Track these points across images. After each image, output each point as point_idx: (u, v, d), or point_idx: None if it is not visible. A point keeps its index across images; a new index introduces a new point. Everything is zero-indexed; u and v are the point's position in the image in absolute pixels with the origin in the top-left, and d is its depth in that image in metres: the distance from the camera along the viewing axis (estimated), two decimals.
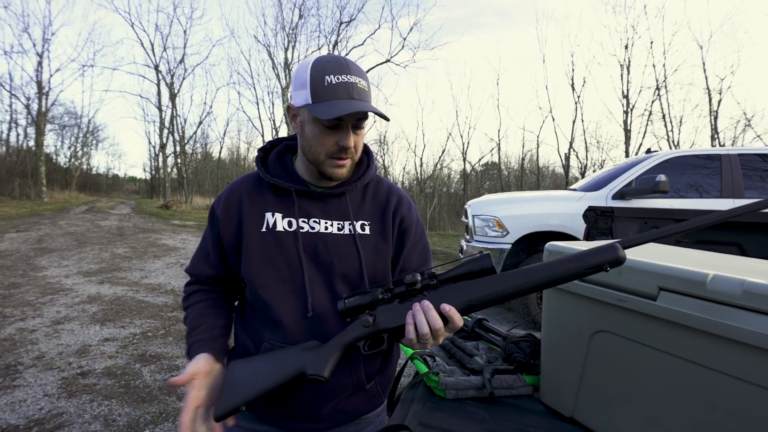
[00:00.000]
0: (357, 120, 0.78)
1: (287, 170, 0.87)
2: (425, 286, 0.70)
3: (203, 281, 0.92)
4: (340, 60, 0.77)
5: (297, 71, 0.79)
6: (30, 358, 2.89)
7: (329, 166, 0.80)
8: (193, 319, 0.84)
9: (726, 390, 0.67)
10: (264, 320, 0.82)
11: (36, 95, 20.91)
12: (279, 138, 0.94)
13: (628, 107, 16.01)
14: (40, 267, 5.77)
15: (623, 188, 3.91)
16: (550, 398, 1.00)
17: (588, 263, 0.64)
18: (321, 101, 0.74)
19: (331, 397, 0.82)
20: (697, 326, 0.70)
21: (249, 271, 0.82)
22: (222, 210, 0.86)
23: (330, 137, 0.77)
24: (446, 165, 24.30)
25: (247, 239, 0.82)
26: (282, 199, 0.85)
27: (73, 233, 9.42)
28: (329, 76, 0.74)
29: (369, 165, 0.91)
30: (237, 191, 0.87)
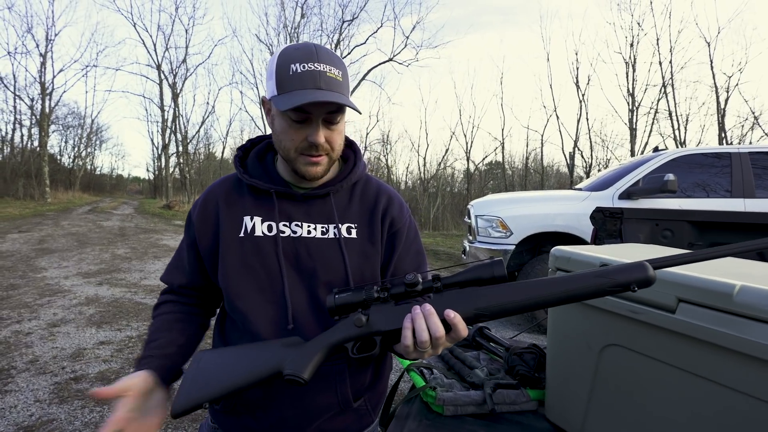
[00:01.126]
0: (328, 113, 0.70)
1: (267, 170, 0.81)
2: (427, 288, 0.63)
3: (176, 291, 0.85)
4: (309, 47, 0.70)
5: (268, 62, 0.73)
6: (23, 362, 2.84)
7: (301, 163, 0.73)
8: (152, 332, 0.78)
9: (753, 413, 0.60)
10: (242, 332, 0.76)
11: (40, 96, 21.01)
12: (260, 136, 0.87)
13: (634, 105, 15.86)
14: (39, 268, 5.74)
15: (630, 188, 3.81)
16: (556, 415, 0.93)
17: (614, 281, 0.57)
18: (285, 92, 0.67)
19: (314, 417, 0.75)
20: (722, 343, 0.62)
21: (226, 280, 0.75)
22: (198, 215, 0.80)
23: (298, 132, 0.71)
24: (450, 164, 24.21)
25: (224, 245, 0.76)
26: (262, 201, 0.78)
27: (74, 234, 9.41)
28: (295, 65, 0.67)
29: (356, 163, 0.83)
30: (214, 194, 0.81)
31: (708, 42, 13.73)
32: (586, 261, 0.84)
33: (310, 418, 0.74)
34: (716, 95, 13.80)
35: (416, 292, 0.63)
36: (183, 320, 0.81)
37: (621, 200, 3.77)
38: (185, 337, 0.79)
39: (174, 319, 0.80)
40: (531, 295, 0.59)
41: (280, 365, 0.63)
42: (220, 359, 0.67)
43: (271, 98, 0.70)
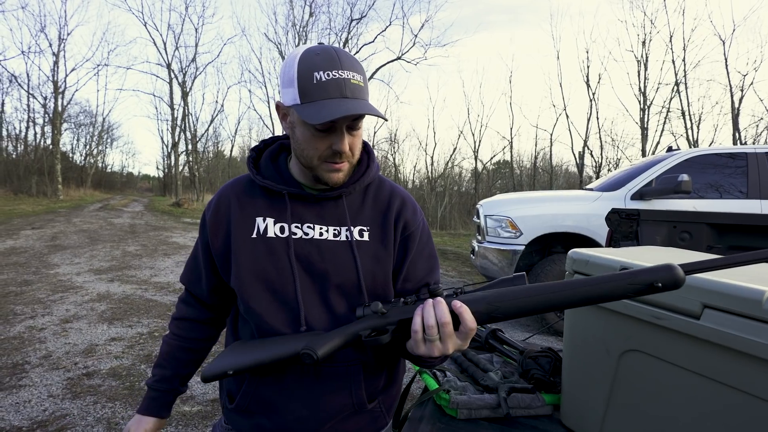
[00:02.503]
0: (352, 120, 0.70)
1: (280, 171, 0.80)
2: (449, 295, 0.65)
3: (193, 300, 0.89)
4: (330, 52, 0.68)
5: (284, 66, 0.71)
6: (37, 357, 2.88)
7: (324, 170, 0.73)
8: (162, 354, 0.88)
9: None
10: (257, 333, 0.76)
11: (52, 94, 21.31)
12: (273, 137, 0.87)
13: (645, 104, 15.64)
14: (52, 264, 5.83)
15: (643, 188, 3.76)
16: (572, 421, 0.91)
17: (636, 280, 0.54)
18: (310, 101, 0.66)
19: (328, 418, 0.75)
20: (749, 351, 0.60)
21: (238, 281, 0.75)
22: (211, 216, 0.80)
23: (322, 141, 0.70)
24: (457, 163, 24.12)
25: (236, 246, 0.76)
26: (274, 202, 0.78)
27: (86, 231, 9.54)
28: (318, 73, 0.66)
29: (369, 165, 0.82)
30: (227, 195, 0.81)
31: (722, 40, 13.49)
32: (605, 264, 0.82)
33: (325, 418, 0.74)
34: (730, 94, 13.56)
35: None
36: (191, 349, 0.89)
37: (633, 201, 3.72)
38: (191, 365, 0.90)
39: (184, 347, 0.88)
40: (548, 295, 0.58)
41: (298, 348, 0.66)
42: (248, 346, 0.73)
43: (292, 106, 0.69)
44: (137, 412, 0.85)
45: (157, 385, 0.85)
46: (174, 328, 0.88)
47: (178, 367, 0.87)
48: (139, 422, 0.82)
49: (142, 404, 0.85)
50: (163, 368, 0.86)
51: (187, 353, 0.88)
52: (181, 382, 0.88)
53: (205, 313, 0.88)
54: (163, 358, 0.87)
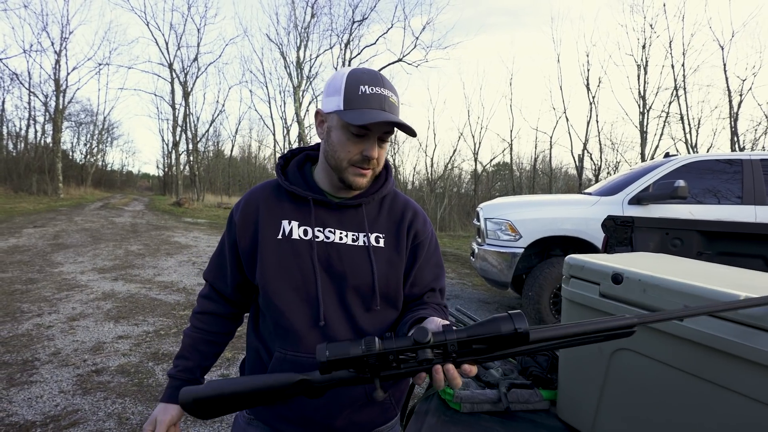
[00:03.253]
0: (384, 133, 0.78)
1: (306, 179, 0.88)
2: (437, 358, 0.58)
3: (218, 291, 0.94)
4: (375, 73, 0.79)
5: (331, 80, 0.80)
6: (46, 354, 2.95)
7: (351, 173, 0.80)
8: (185, 346, 0.93)
9: (756, 418, 0.65)
10: (276, 328, 0.82)
11: (54, 93, 21.38)
12: (300, 147, 0.95)
13: (645, 108, 15.74)
14: (56, 263, 5.89)
15: (640, 193, 3.83)
16: (567, 415, 0.98)
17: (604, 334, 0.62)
18: (353, 108, 0.75)
19: (343, 407, 0.81)
20: (726, 349, 0.67)
21: (263, 278, 0.82)
22: (240, 216, 0.86)
23: (356, 145, 0.78)
24: (457, 165, 24.19)
25: (263, 246, 0.83)
26: (299, 207, 0.85)
27: (88, 229, 9.59)
28: (364, 86, 0.75)
29: (387, 179, 0.91)
30: (255, 198, 0.88)
31: (721, 45, 13.59)
32: (599, 270, 0.89)
33: (340, 407, 0.81)
34: (729, 99, 13.66)
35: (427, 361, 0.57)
36: (213, 342, 0.94)
37: (631, 206, 3.79)
38: (212, 357, 0.95)
39: (207, 339, 0.93)
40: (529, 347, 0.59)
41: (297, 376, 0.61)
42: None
43: (334, 112, 0.77)
44: (161, 401, 0.90)
45: (181, 375, 0.90)
46: (196, 322, 0.94)
47: (200, 358, 0.93)
48: (165, 410, 0.87)
49: (165, 393, 0.90)
50: (186, 359, 0.91)
51: (208, 345, 0.94)
52: (201, 373, 0.94)
53: (227, 308, 0.94)
54: (185, 350, 0.92)
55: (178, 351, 0.94)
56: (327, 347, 0.55)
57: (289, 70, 20.16)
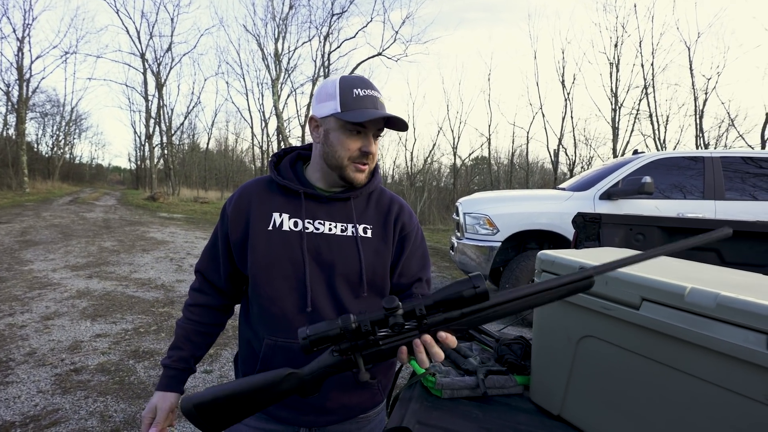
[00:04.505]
0: (377, 129, 0.86)
1: (297, 175, 0.93)
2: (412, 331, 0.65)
3: (210, 282, 0.98)
4: (364, 78, 0.87)
5: (322, 86, 0.87)
6: (21, 354, 2.88)
7: (351, 170, 0.87)
8: (179, 337, 0.96)
9: (703, 395, 0.73)
10: (266, 316, 0.87)
11: (16, 81, 20.32)
12: (292, 147, 1.01)
13: (617, 105, 16.26)
14: (25, 260, 5.68)
15: (610, 188, 4.00)
16: (539, 398, 1.07)
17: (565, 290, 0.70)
18: (351, 109, 0.82)
19: (335, 387, 0.87)
20: (677, 335, 0.76)
21: (254, 267, 0.87)
22: (232, 209, 0.91)
23: (354, 142, 0.85)
24: (436, 159, 24.42)
25: (254, 237, 0.87)
26: (290, 200, 0.90)
27: (57, 225, 9.25)
28: (357, 89, 0.83)
29: (374, 175, 0.96)
30: (248, 192, 0.92)
31: (688, 46, 14.15)
32: (567, 265, 0.97)
33: (330, 389, 0.86)
34: (695, 97, 14.26)
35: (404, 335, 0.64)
36: (206, 333, 0.98)
37: (601, 201, 3.96)
38: (204, 347, 0.99)
39: (199, 331, 0.97)
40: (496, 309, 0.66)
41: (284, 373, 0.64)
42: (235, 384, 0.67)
43: (331, 115, 0.84)
44: (157, 389, 0.92)
45: (175, 364, 0.93)
46: (189, 314, 0.97)
47: (194, 348, 0.96)
48: (164, 397, 0.90)
49: (161, 383, 0.92)
50: (180, 350, 0.95)
51: (201, 336, 0.97)
52: (194, 362, 0.98)
53: (218, 299, 0.98)
54: (179, 341, 0.95)
55: (171, 342, 0.97)
56: (307, 328, 0.60)
57: (267, 62, 19.81)
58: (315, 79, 19.72)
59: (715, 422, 0.72)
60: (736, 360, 0.68)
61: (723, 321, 0.70)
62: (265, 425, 0.89)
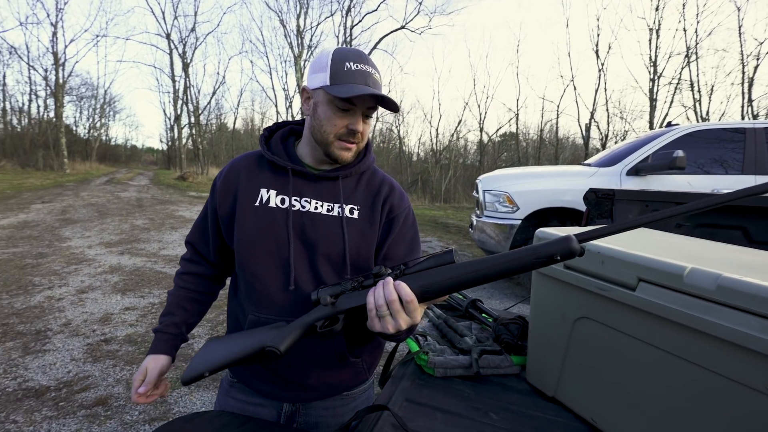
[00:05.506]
0: (368, 108, 0.81)
1: (288, 151, 0.91)
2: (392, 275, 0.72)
3: (201, 254, 0.98)
4: (359, 51, 0.82)
5: (316, 58, 0.83)
6: (58, 325, 3.08)
7: (337, 147, 0.83)
8: (171, 304, 0.95)
9: (700, 382, 0.69)
10: (250, 292, 0.87)
11: (53, 66, 21.12)
12: (285, 121, 0.98)
13: (655, 75, 15.27)
14: (64, 237, 6.02)
15: (638, 164, 3.80)
16: (534, 378, 1.04)
17: (538, 254, 0.63)
18: (339, 83, 0.78)
19: (314, 366, 0.87)
20: (673, 318, 0.71)
21: (240, 243, 0.86)
22: (221, 183, 0.90)
23: (341, 119, 0.81)
24: (462, 136, 23.88)
25: (240, 212, 0.86)
26: (278, 176, 0.88)
27: (94, 204, 9.73)
28: (349, 63, 0.78)
29: (366, 155, 0.93)
30: (237, 167, 0.91)
31: (738, 6, 12.99)
32: None
33: (311, 366, 0.86)
34: (743, 64, 13.19)
35: None
36: (198, 300, 0.97)
37: (629, 177, 3.77)
38: (196, 315, 0.97)
39: (192, 298, 0.96)
40: (466, 273, 0.67)
41: (264, 343, 0.74)
42: (221, 343, 0.80)
43: (321, 87, 0.80)
44: (149, 353, 0.90)
45: (167, 329, 0.92)
46: (181, 282, 0.97)
47: (186, 316, 0.95)
48: (156, 360, 0.89)
49: (153, 346, 0.91)
50: (172, 315, 0.94)
51: (193, 303, 0.97)
52: (187, 329, 0.96)
53: (209, 269, 0.99)
54: (171, 308, 0.94)
55: (163, 310, 0.96)
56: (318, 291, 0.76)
57: (289, 39, 19.68)
58: None
59: (713, 411, 0.68)
60: (736, 347, 0.63)
61: (723, 304, 0.65)
62: (250, 398, 0.91)
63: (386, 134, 26.55)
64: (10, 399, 2.15)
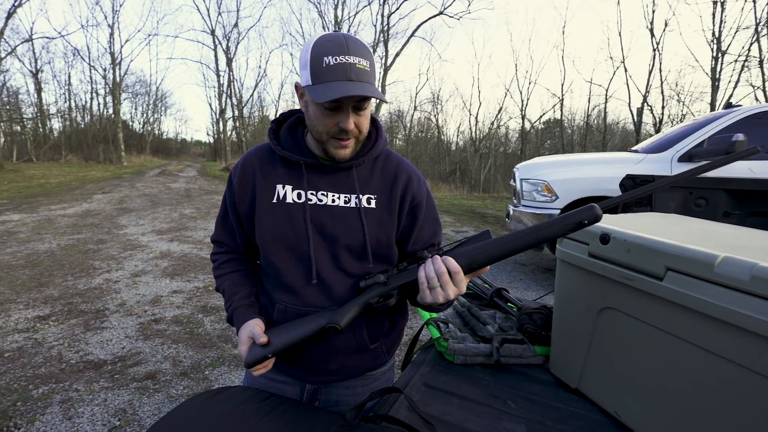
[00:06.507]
0: (357, 102, 0.78)
1: (298, 143, 0.90)
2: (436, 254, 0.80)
3: (230, 249, 1.00)
4: (340, 39, 0.76)
5: (302, 51, 0.80)
6: (114, 305, 3.35)
7: (332, 146, 0.82)
8: (230, 287, 0.94)
9: (731, 378, 0.65)
10: (276, 284, 0.90)
11: (111, 65, 22.59)
12: (291, 110, 0.97)
13: (719, 52, 14.00)
14: (121, 225, 6.49)
15: (693, 149, 3.52)
16: (558, 369, 1.01)
17: (567, 221, 0.71)
18: (319, 83, 0.75)
19: (336, 354, 0.89)
20: (703, 310, 0.67)
21: (261, 240, 0.89)
22: (238, 179, 0.91)
23: (331, 119, 0.79)
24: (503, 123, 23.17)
25: (260, 209, 0.88)
26: (292, 171, 0.88)
27: (148, 195, 10.39)
28: (327, 57, 0.74)
29: (377, 139, 0.91)
30: (251, 162, 0.92)
31: None
32: (589, 230, 0.89)
33: (333, 353, 0.89)
34: None
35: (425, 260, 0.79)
36: (247, 276, 0.98)
37: (681, 163, 3.51)
38: (255, 288, 0.97)
39: (242, 275, 0.97)
40: (507, 244, 0.75)
41: (324, 322, 0.81)
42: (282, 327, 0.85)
43: (305, 87, 0.78)
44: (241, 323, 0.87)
45: (241, 302, 0.91)
46: (223, 271, 0.97)
47: (248, 288, 0.95)
48: (255, 324, 0.85)
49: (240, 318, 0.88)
50: (238, 293, 0.93)
51: (246, 278, 0.97)
52: (256, 298, 0.95)
53: (242, 255, 1.00)
54: (232, 289, 0.93)
55: (225, 298, 0.94)
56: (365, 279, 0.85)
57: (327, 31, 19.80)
58: (375, 45, 19.38)
59: (744, 409, 0.64)
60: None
61: (758, 296, 0.60)
62: (275, 376, 0.95)
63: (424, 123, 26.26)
64: (73, 370, 2.37)
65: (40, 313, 3.15)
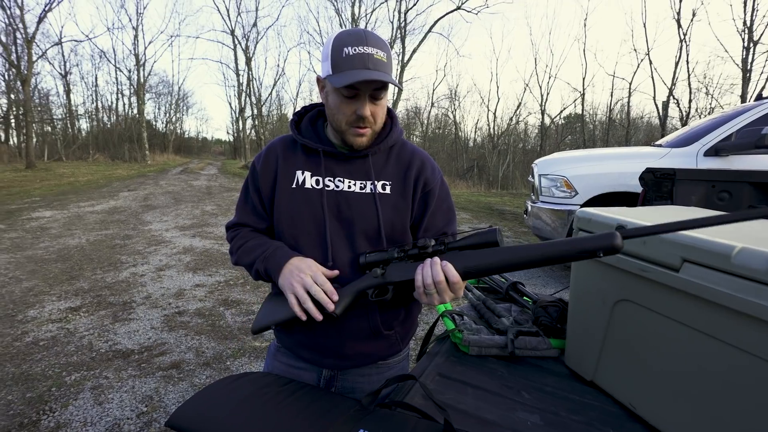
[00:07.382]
0: (374, 90, 0.82)
1: (318, 133, 0.95)
2: (436, 251, 0.79)
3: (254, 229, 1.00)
4: (359, 32, 0.81)
5: (324, 46, 0.85)
6: (140, 298, 3.48)
7: (350, 134, 0.86)
8: (255, 239, 0.94)
9: (746, 368, 0.64)
10: None
11: (135, 67, 23.24)
12: (313, 104, 1.02)
13: (750, 42, 13.42)
14: (146, 222, 6.71)
15: (720, 143, 3.41)
16: (573, 362, 1.02)
17: (582, 248, 0.65)
18: (339, 72, 0.79)
19: (350, 338, 0.92)
20: (720, 301, 0.66)
21: (280, 223, 0.93)
22: (261, 166, 0.96)
23: (349, 106, 0.83)
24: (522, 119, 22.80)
25: (279, 194, 0.92)
26: (311, 158, 0.93)
27: (171, 192, 10.67)
28: (347, 48, 0.79)
29: (392, 128, 0.95)
30: (274, 149, 0.97)
31: None
32: (604, 222, 0.89)
33: (347, 337, 0.92)
34: None
35: (427, 254, 0.79)
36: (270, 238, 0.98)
37: (707, 157, 3.40)
38: None
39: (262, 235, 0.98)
40: (507, 258, 0.71)
41: None
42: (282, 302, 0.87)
43: (326, 77, 0.83)
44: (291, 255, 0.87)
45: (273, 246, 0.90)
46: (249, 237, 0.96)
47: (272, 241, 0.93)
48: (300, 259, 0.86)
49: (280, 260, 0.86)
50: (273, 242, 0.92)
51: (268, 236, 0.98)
52: None
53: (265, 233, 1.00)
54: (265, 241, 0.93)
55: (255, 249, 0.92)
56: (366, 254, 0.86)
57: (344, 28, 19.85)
58: (392, 42, 19.35)
59: (764, 402, 0.63)
60: None
61: None
62: (293, 362, 0.99)
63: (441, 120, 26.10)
64: (103, 358, 2.49)
65: (72, 304, 3.30)
